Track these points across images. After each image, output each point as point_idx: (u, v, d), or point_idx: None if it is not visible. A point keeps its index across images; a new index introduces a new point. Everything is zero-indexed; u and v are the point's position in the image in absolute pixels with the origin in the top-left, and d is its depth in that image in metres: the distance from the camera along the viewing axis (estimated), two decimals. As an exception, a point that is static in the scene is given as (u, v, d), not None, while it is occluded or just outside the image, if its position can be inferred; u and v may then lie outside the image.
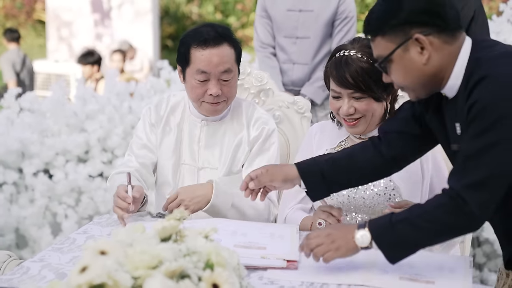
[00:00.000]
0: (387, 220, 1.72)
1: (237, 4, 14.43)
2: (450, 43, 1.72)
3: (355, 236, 1.73)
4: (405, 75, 1.74)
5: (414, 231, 1.69)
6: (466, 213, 1.65)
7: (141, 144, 2.50)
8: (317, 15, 3.74)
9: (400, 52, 1.72)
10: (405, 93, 2.60)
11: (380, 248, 1.72)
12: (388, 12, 1.72)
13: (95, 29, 10.70)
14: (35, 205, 3.93)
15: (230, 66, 2.35)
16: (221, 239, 1.88)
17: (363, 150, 2.01)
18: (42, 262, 1.84)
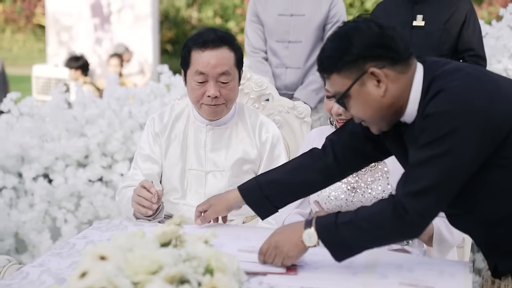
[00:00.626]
0: (332, 220, 1.75)
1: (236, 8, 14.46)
2: (404, 72, 1.75)
3: (303, 236, 1.76)
4: (365, 109, 1.77)
5: (358, 234, 1.72)
6: (405, 221, 1.68)
7: (145, 156, 2.51)
8: (308, 19, 3.76)
9: (357, 87, 1.74)
10: None
11: (326, 247, 1.75)
12: (340, 49, 1.74)
13: (95, 33, 10.71)
14: (34, 209, 3.93)
15: (228, 68, 2.38)
16: (225, 243, 1.88)
17: (304, 165, 2.03)
18: (42, 267, 1.84)
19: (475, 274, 3.70)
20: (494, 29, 4.87)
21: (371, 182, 2.26)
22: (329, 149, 2.00)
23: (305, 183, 2.02)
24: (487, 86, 1.70)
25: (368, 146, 1.96)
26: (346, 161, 1.99)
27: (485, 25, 4.91)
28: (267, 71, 3.79)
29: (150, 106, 4.36)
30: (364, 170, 2.26)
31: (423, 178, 1.67)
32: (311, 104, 3.71)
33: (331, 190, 2.27)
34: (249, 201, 2.05)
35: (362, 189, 2.25)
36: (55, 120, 4.18)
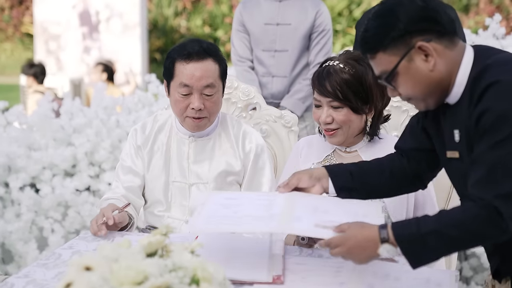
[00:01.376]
0: (414, 230, 1.66)
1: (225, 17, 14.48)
2: (451, 48, 1.72)
3: (379, 250, 1.68)
4: (414, 86, 1.73)
5: (446, 243, 1.65)
6: (499, 224, 1.62)
7: (126, 168, 2.49)
8: (294, 29, 3.78)
9: (405, 63, 1.71)
10: (393, 110, 2.63)
11: (406, 256, 1.67)
12: (386, 26, 1.72)
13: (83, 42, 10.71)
14: (21, 219, 3.90)
15: (213, 81, 2.36)
16: (301, 217, 1.78)
17: (390, 161, 2.00)
18: (27, 278, 1.82)
19: (462, 283, 3.71)
20: (480, 38, 4.91)
21: None
22: (400, 155, 1.98)
23: (394, 176, 1.98)
24: None
25: (427, 144, 1.92)
26: (417, 163, 1.95)
27: (471, 34, 4.95)
28: (253, 80, 3.79)
29: (137, 115, 4.36)
30: None
31: (507, 178, 1.61)
32: (298, 113, 3.72)
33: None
34: (333, 173, 1.96)
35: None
36: (42, 129, 4.16)
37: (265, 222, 1.77)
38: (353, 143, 2.32)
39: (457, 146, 1.76)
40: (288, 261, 1.91)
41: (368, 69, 2.22)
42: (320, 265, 1.93)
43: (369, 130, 2.31)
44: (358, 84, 2.22)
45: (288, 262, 1.91)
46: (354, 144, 2.33)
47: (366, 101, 2.23)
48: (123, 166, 2.51)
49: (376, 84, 2.23)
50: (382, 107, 2.30)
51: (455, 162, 1.79)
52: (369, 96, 2.23)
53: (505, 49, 4.84)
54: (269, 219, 1.78)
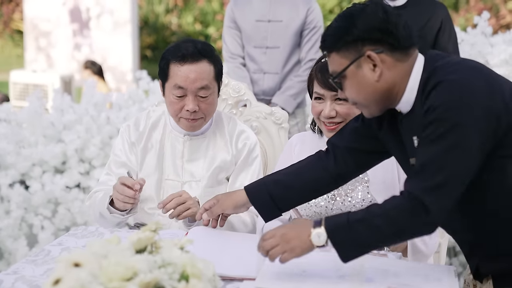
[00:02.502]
0: (344, 219, 1.72)
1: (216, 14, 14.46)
2: (403, 61, 1.76)
3: (311, 235, 1.72)
4: (358, 91, 1.78)
5: (371, 232, 1.70)
6: (424, 217, 1.67)
7: (120, 163, 2.48)
8: (286, 25, 3.78)
9: (353, 69, 1.76)
10: None
11: (334, 246, 1.72)
12: (343, 29, 1.76)
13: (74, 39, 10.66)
14: (10, 216, 3.89)
15: (207, 83, 2.35)
16: (373, 278, 1.81)
17: (310, 169, 2.03)
18: (16, 275, 1.82)
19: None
20: (469, 36, 4.93)
21: (351, 190, 2.26)
22: (330, 152, 2.02)
23: (309, 185, 2.02)
24: (486, 78, 1.71)
25: (367, 145, 1.97)
26: (346, 163, 1.99)
27: (460, 32, 4.97)
28: (244, 76, 3.79)
29: (128, 111, 4.35)
30: None
31: (438, 173, 1.65)
32: (289, 110, 3.73)
33: None
34: (254, 200, 2.04)
35: (342, 197, 2.25)
36: (32, 126, 4.15)
37: (335, 283, 1.77)
38: None
39: (416, 152, 1.78)
40: None
41: None
42: (320, 259, 1.94)
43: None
44: None
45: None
46: None
47: None
48: (116, 161, 2.49)
49: None
50: None
51: None
52: None
53: (494, 46, 4.86)
54: (339, 279, 1.79)
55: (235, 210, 2.11)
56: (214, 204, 2.10)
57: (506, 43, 4.87)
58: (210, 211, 2.10)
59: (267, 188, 2.02)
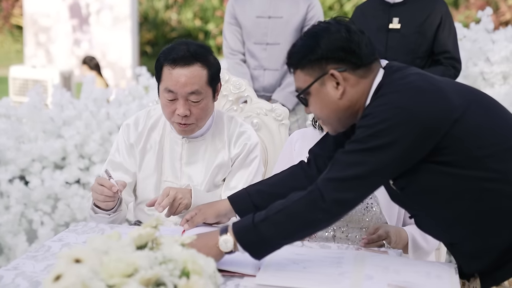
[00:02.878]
0: (249, 221, 1.75)
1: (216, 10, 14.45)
2: (365, 77, 1.81)
3: (219, 242, 1.75)
4: (322, 108, 1.83)
5: (276, 229, 1.73)
6: (319, 205, 1.71)
7: (117, 164, 2.45)
8: (286, 22, 3.78)
9: (317, 86, 1.81)
10: None
11: (244, 249, 1.75)
12: (307, 47, 1.81)
13: (73, 34, 10.65)
14: (10, 212, 3.89)
15: (198, 87, 2.28)
16: (373, 275, 1.80)
17: (293, 178, 2.06)
18: (16, 271, 1.81)
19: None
20: (471, 32, 4.93)
21: None
22: (312, 161, 2.05)
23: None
24: (424, 93, 1.74)
25: None
26: None
27: (462, 28, 4.96)
28: (245, 73, 3.79)
29: (128, 107, 4.34)
30: None
31: (348, 168, 1.71)
32: (289, 106, 3.73)
33: None
34: (238, 209, 2.07)
35: None
36: (32, 121, 4.14)
37: (336, 280, 1.77)
38: None
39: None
40: (289, 251, 1.92)
41: None
42: (321, 255, 1.95)
43: None
44: None
45: (289, 252, 1.92)
46: None
47: None
48: (113, 162, 2.46)
49: None
50: None
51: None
52: None
53: (496, 42, 4.85)
54: (339, 276, 1.79)
55: (217, 219, 2.12)
56: (196, 215, 2.11)
57: (508, 39, 4.87)
58: (191, 221, 2.11)
59: (251, 198, 2.05)
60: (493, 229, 1.78)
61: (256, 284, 1.74)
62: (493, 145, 1.75)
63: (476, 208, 1.76)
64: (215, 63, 2.34)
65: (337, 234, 2.26)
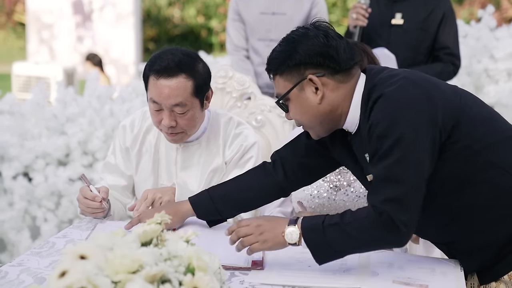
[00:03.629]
0: (319, 222, 1.74)
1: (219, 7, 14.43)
2: (345, 82, 1.80)
3: (285, 232, 1.75)
4: (302, 113, 1.83)
5: (343, 238, 1.72)
6: (393, 230, 1.69)
7: (112, 167, 2.44)
8: (290, 18, 3.77)
9: (296, 92, 1.81)
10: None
11: (308, 247, 1.74)
12: (285, 53, 1.81)
13: (76, 31, 10.66)
14: (14, 208, 3.89)
15: (182, 99, 2.22)
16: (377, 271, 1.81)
17: (258, 181, 2.04)
18: (21, 267, 1.82)
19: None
20: (474, 29, 4.91)
21: (354, 180, 2.26)
22: (279, 165, 2.02)
23: (255, 199, 2.05)
24: (422, 88, 1.74)
25: (320, 160, 1.99)
26: (296, 177, 2.01)
27: (465, 25, 4.95)
28: (248, 69, 3.79)
29: (131, 104, 4.34)
30: (346, 169, 2.27)
31: (394, 187, 1.68)
32: (293, 103, 3.72)
33: (313, 189, 2.27)
34: (201, 214, 2.06)
35: (345, 187, 2.26)
36: (36, 118, 4.15)
37: (341, 277, 1.77)
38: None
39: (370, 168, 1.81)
40: (293, 250, 1.92)
41: (364, 56, 2.22)
42: None
43: None
44: None
45: (294, 251, 1.92)
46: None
47: None
48: (109, 164, 2.45)
49: None
50: None
51: None
52: None
53: (499, 40, 4.84)
54: (345, 273, 1.79)
55: (182, 222, 2.09)
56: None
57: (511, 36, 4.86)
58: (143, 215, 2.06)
59: (213, 202, 2.03)
60: (491, 223, 1.78)
61: (261, 282, 1.74)
62: (489, 136, 1.76)
63: (474, 202, 1.77)
64: (203, 72, 2.27)
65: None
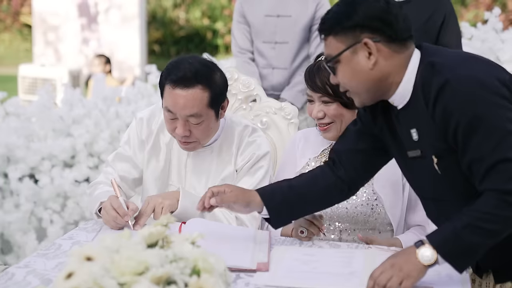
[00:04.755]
0: (448, 231, 1.68)
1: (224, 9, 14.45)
2: (399, 52, 1.77)
3: (418, 256, 1.68)
4: (351, 77, 1.78)
5: (481, 235, 1.66)
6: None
7: (126, 157, 2.41)
8: (295, 21, 3.78)
9: (348, 54, 1.76)
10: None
11: (447, 259, 1.68)
12: (343, 14, 1.76)
13: (82, 33, 10.67)
14: (20, 210, 3.91)
15: (198, 110, 2.20)
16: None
17: (323, 178, 2.00)
18: (27, 268, 1.82)
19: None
20: (480, 32, 4.91)
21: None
22: (337, 160, 1.99)
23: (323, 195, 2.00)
24: (485, 63, 1.73)
25: (369, 143, 1.95)
26: (355, 169, 1.97)
27: (470, 27, 4.94)
28: (253, 71, 3.79)
29: (137, 106, 4.36)
30: None
31: (506, 167, 1.63)
32: (298, 105, 3.73)
33: None
34: (268, 201, 1.97)
35: None
36: (41, 120, 4.16)
37: (346, 279, 1.77)
38: None
39: (417, 145, 1.79)
40: (299, 252, 1.92)
41: None
42: (331, 256, 1.94)
43: None
44: None
45: (298, 253, 1.92)
46: None
47: None
48: (123, 155, 2.42)
49: None
50: None
51: (418, 161, 1.81)
52: None
53: (505, 42, 4.83)
54: (349, 276, 1.78)
55: (244, 208, 1.99)
56: (226, 192, 1.96)
57: (517, 39, 4.86)
58: (220, 197, 1.95)
59: (283, 195, 1.97)
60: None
61: (266, 285, 1.75)
62: None
63: None
64: (220, 82, 2.25)
65: (343, 236, 2.26)
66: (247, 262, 1.84)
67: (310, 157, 2.35)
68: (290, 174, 2.32)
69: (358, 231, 2.24)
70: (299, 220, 2.17)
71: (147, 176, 2.42)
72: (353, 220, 2.24)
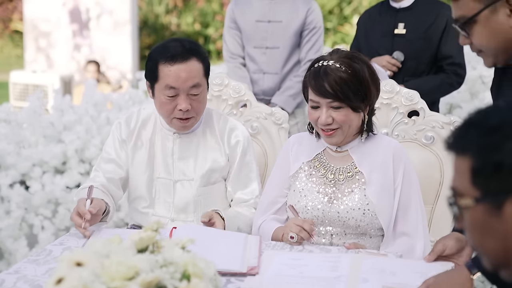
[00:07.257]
0: None
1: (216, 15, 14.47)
2: None
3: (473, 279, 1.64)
4: (489, 38, 1.68)
5: None
6: None
7: (109, 159, 2.49)
8: (285, 26, 3.79)
9: (487, 13, 1.66)
10: (383, 106, 2.64)
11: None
12: None
13: (74, 39, 10.66)
14: (11, 216, 3.89)
15: (198, 80, 2.36)
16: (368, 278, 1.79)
17: None
18: (18, 274, 1.82)
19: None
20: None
21: (348, 193, 2.24)
22: None
23: None
24: None
25: None
26: None
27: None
28: (245, 76, 3.81)
29: (128, 112, 4.35)
30: (341, 180, 2.25)
31: None
32: (288, 110, 3.74)
33: (308, 201, 2.25)
34: None
35: (339, 200, 2.24)
36: (32, 126, 4.15)
37: (331, 284, 1.77)
38: (345, 143, 2.31)
39: None
40: (286, 257, 1.93)
41: (363, 65, 2.22)
42: (318, 260, 1.95)
43: (366, 127, 2.30)
44: (357, 82, 2.19)
45: (287, 258, 1.93)
46: (346, 144, 2.32)
47: (363, 99, 2.21)
48: (106, 158, 2.50)
49: (372, 81, 2.22)
50: (375, 102, 2.30)
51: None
52: (367, 94, 2.21)
53: None
54: (335, 280, 1.79)
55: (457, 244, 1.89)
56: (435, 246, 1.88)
57: None
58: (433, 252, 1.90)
59: None
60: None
61: None
62: None
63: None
64: (206, 56, 2.43)
65: (335, 240, 2.26)
66: (237, 265, 1.85)
67: (304, 161, 2.35)
68: (283, 179, 2.33)
69: (350, 235, 2.24)
70: (289, 224, 2.18)
71: (133, 172, 2.48)
72: (344, 224, 2.24)
